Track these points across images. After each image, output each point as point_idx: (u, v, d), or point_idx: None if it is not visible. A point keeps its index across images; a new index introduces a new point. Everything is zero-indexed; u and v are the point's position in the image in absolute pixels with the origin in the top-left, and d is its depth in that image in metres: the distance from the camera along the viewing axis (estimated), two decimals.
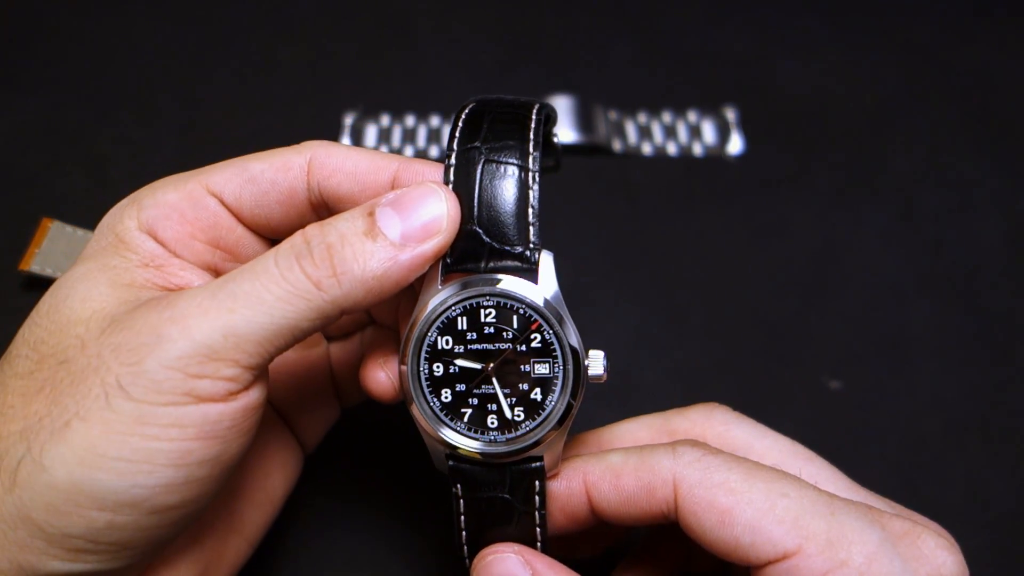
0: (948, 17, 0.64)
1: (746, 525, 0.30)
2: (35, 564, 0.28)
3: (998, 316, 0.52)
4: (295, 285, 0.29)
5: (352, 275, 0.29)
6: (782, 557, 0.29)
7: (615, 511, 0.33)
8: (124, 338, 0.28)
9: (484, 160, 0.32)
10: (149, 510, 0.28)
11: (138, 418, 0.28)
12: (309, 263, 0.29)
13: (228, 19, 0.62)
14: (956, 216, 0.56)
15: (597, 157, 0.57)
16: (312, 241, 0.30)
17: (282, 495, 0.39)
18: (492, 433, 0.33)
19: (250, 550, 0.37)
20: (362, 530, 0.44)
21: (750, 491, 0.30)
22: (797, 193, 0.57)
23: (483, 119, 0.33)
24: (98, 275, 0.31)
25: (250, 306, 0.29)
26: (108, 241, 0.32)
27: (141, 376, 0.28)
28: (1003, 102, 0.61)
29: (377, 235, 0.30)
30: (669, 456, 0.32)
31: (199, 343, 0.28)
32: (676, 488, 0.31)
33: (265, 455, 0.38)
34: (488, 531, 0.34)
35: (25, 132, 0.57)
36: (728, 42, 0.63)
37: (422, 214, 0.31)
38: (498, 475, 0.33)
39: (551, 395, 0.33)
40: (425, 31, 0.63)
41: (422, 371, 0.33)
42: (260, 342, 0.29)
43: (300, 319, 0.29)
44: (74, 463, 0.27)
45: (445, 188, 0.32)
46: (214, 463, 0.29)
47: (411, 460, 0.46)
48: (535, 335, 0.33)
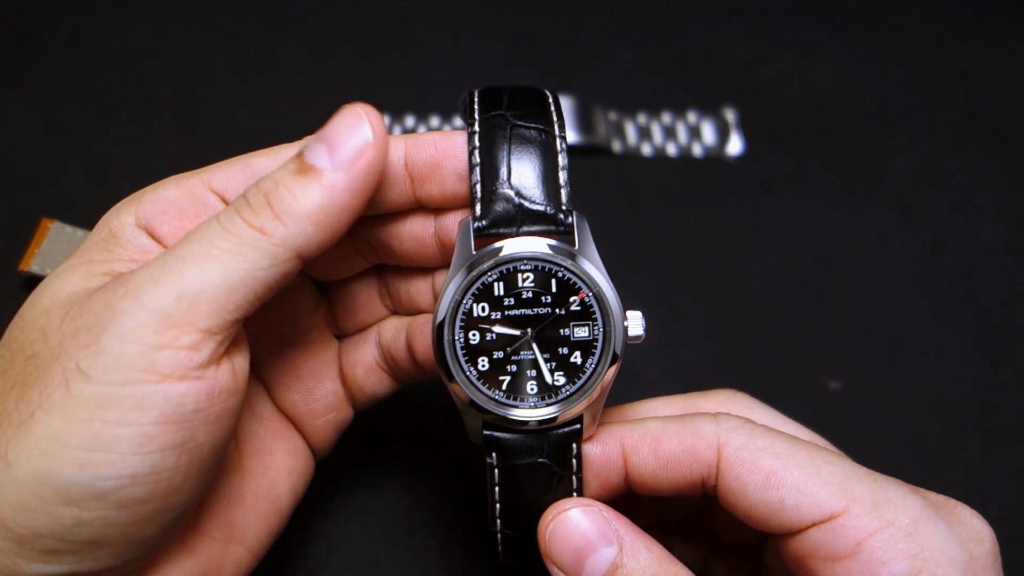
0: (948, 17, 0.64)
1: (792, 486, 0.30)
2: (12, 568, 0.28)
3: (998, 316, 0.52)
4: (240, 235, 0.29)
5: (294, 212, 0.29)
6: (828, 518, 0.29)
7: (651, 476, 0.33)
8: (82, 321, 0.28)
9: (511, 125, 0.32)
10: (116, 504, 0.28)
11: (98, 402, 0.27)
12: (248, 212, 0.29)
13: (228, 19, 0.62)
14: (956, 216, 0.56)
15: (597, 157, 0.57)
16: (248, 193, 0.30)
17: (289, 504, 0.37)
18: (532, 399, 0.33)
19: (254, 560, 0.36)
20: (362, 530, 0.44)
21: (795, 456, 0.31)
22: (797, 193, 0.57)
23: (501, 94, 0.33)
24: (77, 268, 0.31)
25: (198, 264, 0.28)
26: (101, 236, 0.32)
27: (99, 355, 0.27)
28: (1003, 102, 0.61)
29: (308, 169, 0.30)
30: (712, 422, 0.32)
31: (153, 310, 0.27)
32: (720, 451, 0.31)
33: (270, 463, 0.37)
34: (524, 500, 0.33)
35: (25, 132, 0.57)
36: (728, 42, 0.63)
37: (347, 136, 0.30)
38: (536, 441, 0.33)
39: (591, 358, 0.33)
40: (425, 31, 0.63)
41: (457, 340, 0.32)
42: (215, 300, 0.28)
43: (253, 268, 0.29)
44: (37, 456, 0.27)
45: (364, 106, 0.31)
46: (179, 451, 0.28)
47: (411, 461, 0.46)
48: (574, 297, 0.32)
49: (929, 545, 0.29)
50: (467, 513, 0.45)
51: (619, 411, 0.37)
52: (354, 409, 0.40)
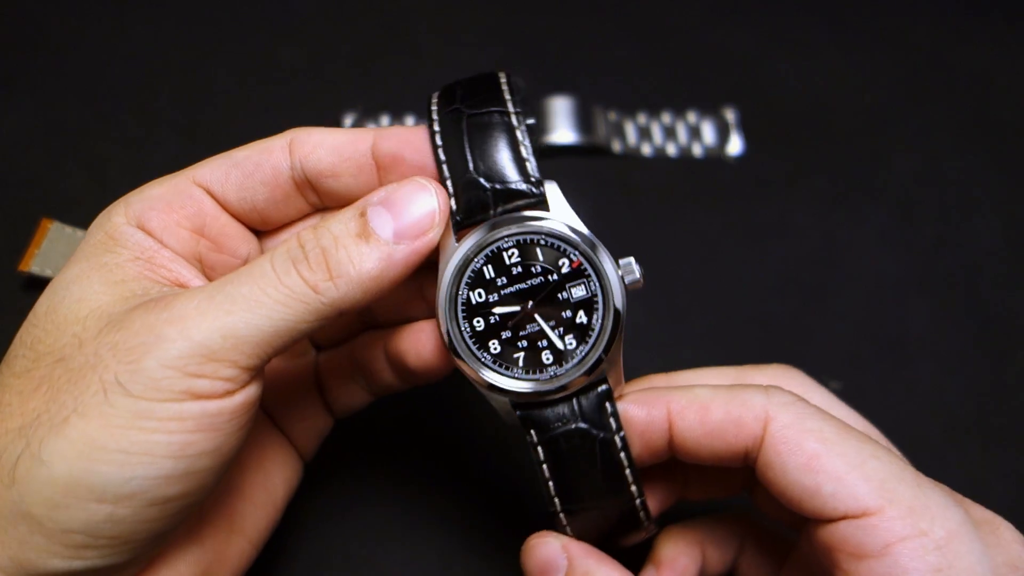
0: (948, 17, 0.64)
1: (832, 474, 0.29)
2: (35, 561, 0.28)
3: (998, 316, 0.52)
4: (292, 289, 0.30)
5: (348, 277, 0.30)
6: (861, 514, 0.29)
7: (696, 443, 0.33)
8: (122, 337, 0.29)
9: (467, 116, 0.33)
10: (149, 502, 0.29)
11: (137, 413, 0.28)
12: (305, 267, 0.30)
13: (228, 19, 0.62)
14: (956, 216, 0.56)
15: (597, 158, 0.57)
16: (307, 245, 0.30)
17: (283, 497, 0.39)
18: (550, 369, 0.33)
19: (254, 552, 0.37)
20: (362, 531, 0.44)
21: (842, 444, 0.30)
22: (797, 193, 0.57)
23: (455, 90, 0.34)
24: (91, 274, 0.31)
25: (248, 309, 0.29)
26: (98, 239, 0.32)
27: (139, 374, 0.28)
28: (1003, 102, 0.61)
29: (370, 235, 0.30)
30: (762, 395, 0.32)
31: (197, 343, 0.28)
32: (766, 426, 0.31)
33: (264, 456, 0.38)
34: (573, 471, 0.33)
35: (25, 132, 0.57)
36: (728, 42, 0.63)
37: (413, 211, 0.31)
38: (567, 409, 0.33)
39: (595, 313, 0.33)
40: (425, 32, 0.63)
41: (463, 329, 0.33)
42: (258, 343, 0.29)
43: (298, 321, 0.30)
44: (73, 457, 0.28)
45: (434, 182, 0.32)
46: (214, 455, 0.30)
47: (410, 459, 0.46)
48: (563, 260, 0.33)
49: (958, 563, 0.28)
50: (467, 512, 0.45)
51: (668, 377, 0.37)
52: (334, 418, 0.41)
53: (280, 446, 0.39)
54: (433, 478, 0.46)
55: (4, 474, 0.28)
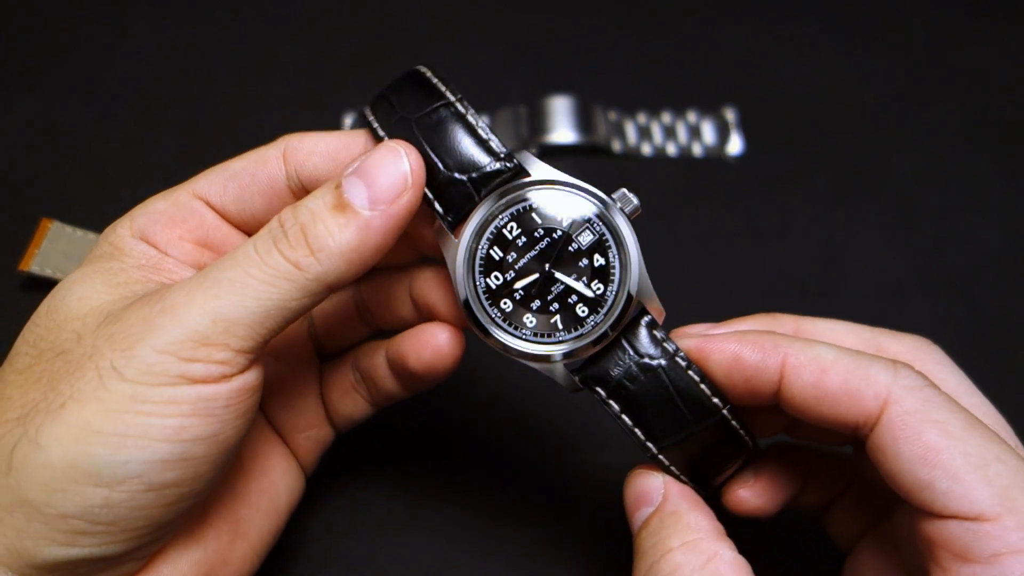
0: (948, 17, 0.64)
1: (949, 471, 0.28)
2: (31, 550, 0.28)
3: (998, 316, 0.52)
4: (276, 268, 0.30)
5: (329, 250, 0.30)
6: (975, 517, 0.27)
7: (803, 403, 0.31)
8: (118, 328, 0.29)
9: (414, 121, 0.33)
10: (146, 486, 0.29)
11: (132, 397, 0.28)
12: (286, 245, 0.30)
13: (228, 19, 0.62)
14: (956, 216, 0.56)
15: (597, 157, 0.57)
16: (286, 224, 0.31)
17: (286, 505, 0.39)
18: (589, 320, 0.33)
19: (257, 560, 0.37)
20: (362, 530, 0.44)
21: (966, 441, 0.28)
22: (797, 193, 0.57)
23: (388, 100, 0.34)
24: (94, 276, 0.32)
25: (235, 291, 0.29)
26: (103, 251, 0.33)
27: (134, 359, 0.28)
28: (1003, 102, 0.61)
29: (346, 206, 0.31)
30: (889, 372, 0.30)
31: (189, 329, 0.29)
32: (886, 407, 0.29)
33: (268, 463, 0.38)
34: (652, 408, 0.33)
35: (25, 132, 0.57)
36: (728, 42, 0.63)
37: (386, 176, 0.31)
38: (621, 353, 0.33)
39: (610, 251, 0.33)
40: (425, 32, 0.63)
41: (494, 316, 0.33)
42: (250, 325, 0.29)
43: (287, 299, 0.30)
44: (69, 440, 0.28)
45: (404, 144, 0.32)
46: (211, 441, 0.30)
47: (411, 460, 0.46)
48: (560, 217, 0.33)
49: None
50: (467, 512, 0.45)
51: (796, 320, 0.36)
52: (335, 430, 0.41)
53: (283, 455, 0.39)
54: (433, 482, 0.46)
55: (1, 462, 0.28)
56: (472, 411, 0.48)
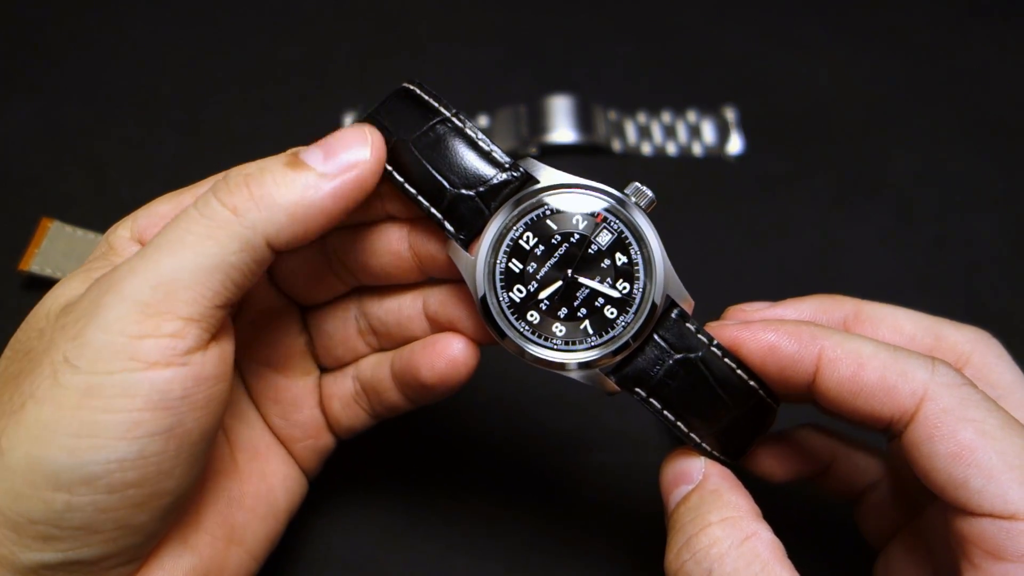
0: (948, 17, 0.64)
1: (984, 469, 0.28)
2: (8, 556, 0.28)
3: (998, 316, 0.52)
4: (212, 218, 0.29)
5: (271, 199, 0.29)
6: (1009, 516, 0.27)
7: (840, 397, 0.31)
8: (71, 317, 0.29)
9: (411, 142, 0.32)
10: (106, 488, 0.28)
11: (86, 391, 0.28)
12: (224, 191, 0.29)
13: (228, 19, 0.62)
14: (956, 216, 0.56)
15: (597, 157, 0.57)
16: (229, 173, 0.30)
17: (286, 509, 0.38)
18: (619, 322, 0.33)
19: (254, 564, 0.36)
20: (362, 530, 0.44)
21: (1003, 440, 0.28)
22: (797, 193, 0.57)
23: (380, 123, 0.33)
24: (78, 275, 0.32)
25: (172, 252, 0.29)
26: (101, 252, 0.33)
27: (85, 347, 0.28)
28: (1003, 102, 0.61)
29: (298, 164, 0.30)
30: (927, 368, 0.30)
31: (132, 300, 0.28)
32: (922, 404, 0.29)
33: (266, 468, 0.38)
34: (693, 402, 0.33)
35: (25, 132, 0.57)
36: (728, 42, 0.63)
37: (346, 149, 0.31)
38: (656, 350, 0.33)
39: (631, 249, 0.33)
40: (425, 31, 0.63)
41: (522, 329, 0.33)
42: (190, 286, 0.28)
43: (224, 252, 0.29)
44: (28, 443, 0.27)
45: (372, 128, 0.32)
46: (168, 436, 0.29)
47: (411, 460, 0.46)
48: (575, 217, 0.33)
49: None
50: (467, 514, 0.45)
51: (858, 304, 0.36)
52: (336, 438, 0.40)
53: (283, 460, 0.39)
54: (433, 484, 0.46)
55: None
56: (472, 412, 0.48)
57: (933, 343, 0.34)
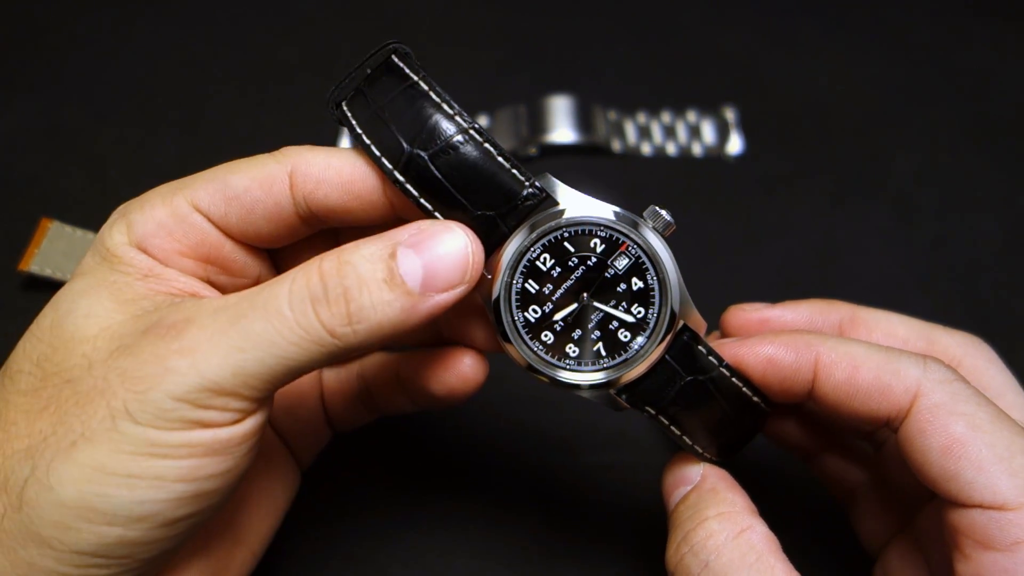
0: (948, 17, 0.64)
1: (974, 462, 0.29)
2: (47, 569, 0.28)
3: (998, 315, 0.52)
4: (308, 331, 0.28)
5: (368, 323, 0.29)
6: (998, 507, 0.28)
7: (838, 400, 0.32)
8: (131, 364, 0.28)
9: (429, 159, 0.30)
10: (160, 523, 0.28)
11: (146, 441, 0.28)
12: (324, 308, 0.28)
13: (228, 19, 0.62)
14: (956, 216, 0.56)
15: (597, 157, 0.57)
16: (329, 283, 0.29)
17: (284, 505, 0.39)
18: (634, 345, 0.33)
19: (254, 561, 0.37)
20: (362, 530, 0.44)
21: (993, 433, 0.29)
22: (797, 193, 0.57)
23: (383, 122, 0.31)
24: (100, 290, 0.30)
25: (262, 348, 0.28)
26: (102, 256, 0.32)
27: (148, 404, 0.27)
28: (1003, 102, 0.61)
29: (397, 284, 0.29)
30: (919, 366, 0.31)
31: (208, 379, 0.28)
32: (915, 400, 0.30)
33: (269, 468, 0.38)
34: (701, 420, 0.34)
35: (25, 132, 0.57)
36: (728, 42, 0.63)
37: (447, 264, 0.29)
38: (667, 370, 0.33)
39: (648, 274, 0.33)
40: (425, 32, 0.63)
41: (536, 350, 0.33)
42: (269, 379, 0.29)
43: (312, 362, 0.29)
44: (82, 481, 0.27)
45: (467, 230, 0.30)
46: (225, 476, 0.29)
47: (411, 459, 0.46)
48: (593, 241, 0.32)
49: None
50: (467, 513, 0.45)
51: (853, 309, 0.37)
52: (334, 432, 0.41)
53: (283, 457, 0.39)
54: (433, 483, 0.46)
55: (13, 497, 0.28)
56: (472, 412, 0.48)
57: (925, 347, 0.35)
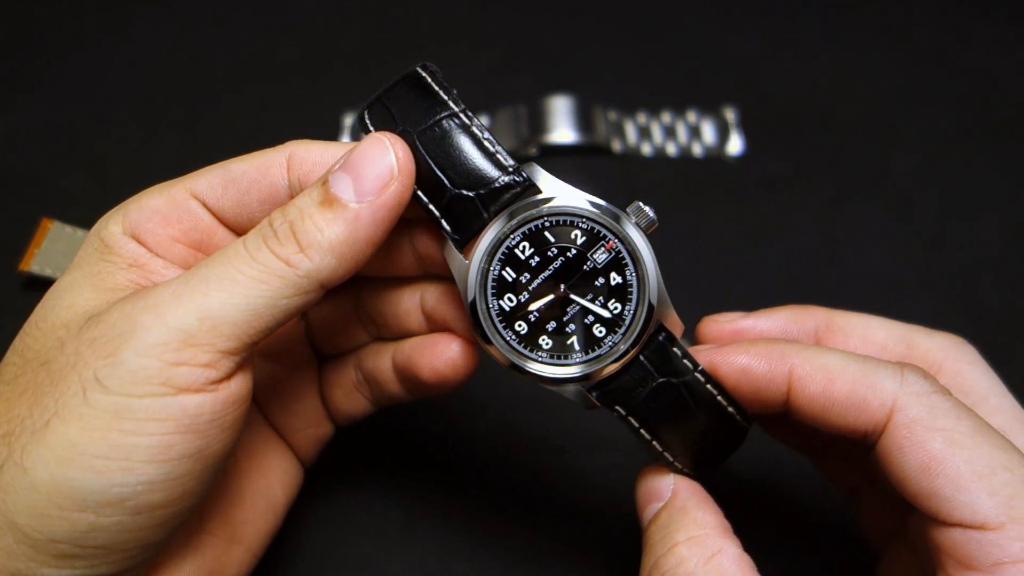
0: (948, 17, 0.64)
1: (952, 479, 0.28)
2: (23, 570, 0.28)
3: (998, 316, 0.52)
4: (266, 264, 0.29)
5: (319, 245, 0.30)
6: (978, 526, 0.27)
7: (814, 412, 0.31)
8: (100, 331, 0.28)
9: (415, 134, 0.32)
10: (132, 510, 0.28)
11: (115, 412, 0.27)
12: (275, 242, 0.30)
13: (228, 19, 0.62)
14: (956, 216, 0.56)
15: (597, 157, 0.57)
16: (275, 222, 0.30)
17: (284, 504, 0.38)
18: (608, 340, 0.32)
19: (253, 560, 0.37)
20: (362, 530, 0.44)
21: (973, 448, 0.28)
22: (797, 193, 0.57)
23: (387, 108, 0.33)
24: (83, 282, 0.31)
25: (223, 288, 0.29)
26: (94, 247, 0.32)
27: (117, 367, 0.28)
28: (1003, 102, 0.61)
29: (333, 201, 0.30)
30: (896, 378, 0.30)
31: (174, 328, 0.28)
32: (892, 415, 0.29)
33: (266, 464, 0.38)
34: (671, 424, 0.33)
35: (25, 132, 0.57)
36: (728, 42, 0.63)
37: (372, 167, 0.31)
38: (641, 371, 0.33)
39: (627, 270, 0.32)
40: (425, 32, 0.63)
41: (509, 338, 0.32)
42: (236, 323, 0.29)
43: (276, 297, 0.29)
44: (54, 463, 0.27)
45: (391, 136, 0.31)
46: (196, 458, 0.29)
47: (411, 459, 0.46)
48: (574, 232, 0.32)
49: None
50: (466, 514, 0.45)
51: (829, 314, 0.36)
52: (335, 425, 0.40)
53: (281, 453, 0.39)
54: (432, 484, 0.46)
55: None
56: (472, 413, 0.48)
57: (905, 352, 0.34)
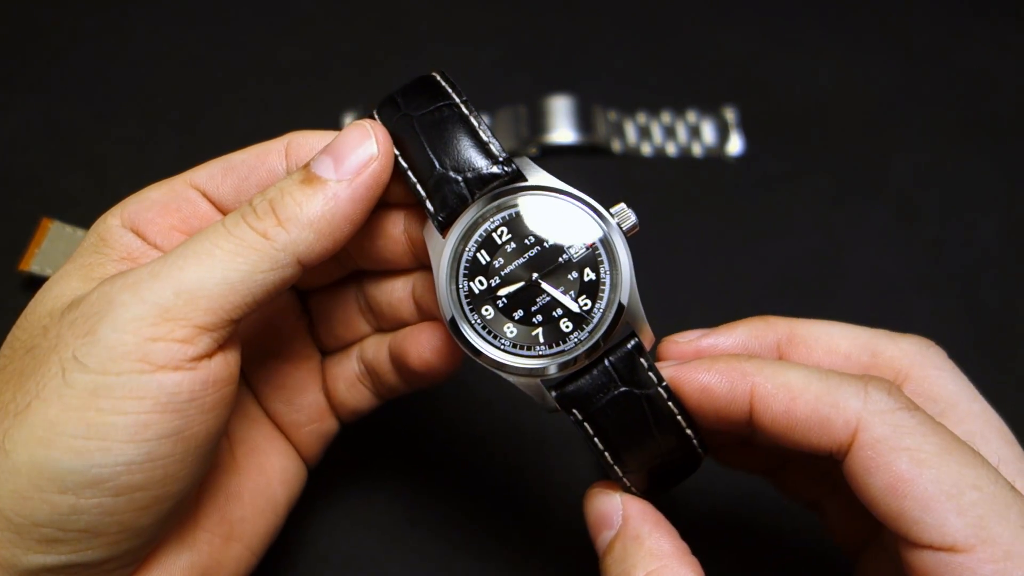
0: (948, 17, 0.64)
1: (920, 501, 0.27)
2: (9, 558, 0.28)
3: (998, 316, 0.52)
4: (242, 238, 0.30)
5: (296, 219, 0.30)
6: (948, 548, 0.27)
7: (777, 432, 0.30)
8: (80, 311, 0.29)
9: (416, 118, 0.33)
10: (113, 491, 0.28)
11: (93, 391, 0.27)
12: (253, 217, 0.30)
13: (228, 19, 0.62)
14: (956, 216, 0.56)
15: (597, 157, 0.57)
16: (254, 200, 0.31)
17: (284, 503, 0.38)
18: (572, 337, 0.32)
19: (253, 559, 0.36)
20: (362, 530, 0.44)
21: (940, 467, 0.27)
22: (797, 193, 0.57)
23: (395, 100, 0.34)
24: (72, 273, 0.32)
25: (200, 263, 0.29)
26: (91, 241, 0.33)
27: (95, 344, 0.28)
28: (1003, 102, 0.61)
29: (313, 179, 0.31)
30: (859, 396, 0.29)
31: (151, 303, 0.28)
32: (856, 434, 0.28)
33: (265, 461, 0.38)
34: (626, 437, 0.32)
35: (25, 132, 0.57)
36: (728, 42, 0.63)
37: (353, 149, 0.32)
38: (604, 376, 0.32)
39: (602, 267, 0.32)
40: (425, 32, 0.63)
41: (473, 321, 0.32)
42: (212, 297, 0.29)
43: (253, 270, 0.30)
44: (34, 444, 0.27)
45: (372, 122, 0.33)
46: (175, 440, 0.29)
47: (412, 459, 0.46)
48: None
49: None
50: (468, 513, 0.45)
51: (791, 324, 0.35)
52: (339, 422, 0.40)
53: (283, 451, 0.39)
54: (434, 483, 0.46)
55: None
56: (473, 413, 0.48)
57: (869, 361, 0.34)
